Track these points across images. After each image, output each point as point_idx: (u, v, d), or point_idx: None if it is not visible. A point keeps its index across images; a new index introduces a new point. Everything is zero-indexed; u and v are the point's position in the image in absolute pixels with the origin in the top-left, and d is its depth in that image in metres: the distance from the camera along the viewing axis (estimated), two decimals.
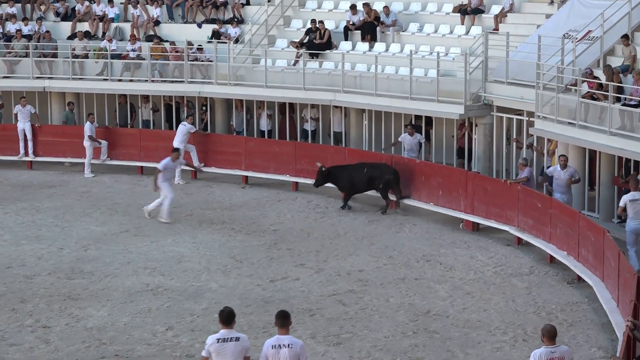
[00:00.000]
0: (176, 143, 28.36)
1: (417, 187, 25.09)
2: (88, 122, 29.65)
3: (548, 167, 23.59)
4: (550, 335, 12.80)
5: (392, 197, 25.18)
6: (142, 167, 29.89)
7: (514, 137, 26.30)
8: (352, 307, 18.56)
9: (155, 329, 17.47)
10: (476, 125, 27.08)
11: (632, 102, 21.86)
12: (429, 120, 28.49)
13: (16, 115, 30.78)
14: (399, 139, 27.17)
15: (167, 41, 32.92)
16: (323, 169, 25.63)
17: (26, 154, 30.72)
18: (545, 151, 24.86)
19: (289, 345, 12.13)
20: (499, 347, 16.69)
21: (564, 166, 22.20)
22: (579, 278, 19.71)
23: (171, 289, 19.60)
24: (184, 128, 28.60)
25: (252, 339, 15.54)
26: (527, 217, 21.97)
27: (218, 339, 12.32)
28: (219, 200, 26.79)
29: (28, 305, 18.61)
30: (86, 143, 29.43)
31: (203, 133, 29.98)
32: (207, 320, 17.79)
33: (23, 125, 30.54)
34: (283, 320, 12.31)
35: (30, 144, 30.61)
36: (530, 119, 24.99)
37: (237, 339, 12.35)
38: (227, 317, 12.41)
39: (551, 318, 17.79)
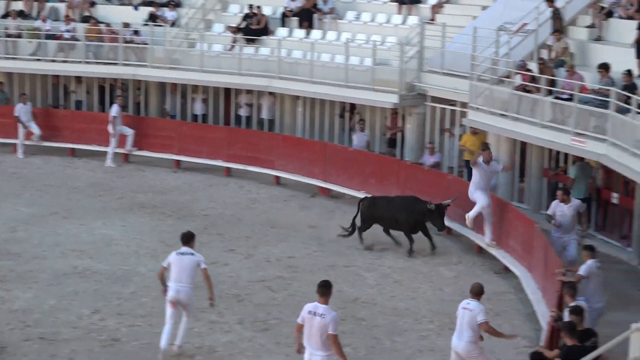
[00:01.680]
0: (110, 126, 28.24)
1: (350, 175, 25.14)
2: (20, 103, 29.28)
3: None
4: (475, 291, 14.24)
5: None
6: (73, 149, 29.59)
7: (447, 127, 26.41)
8: (280, 293, 18.56)
9: (81, 312, 17.33)
10: (410, 115, 27.16)
11: (564, 96, 22.05)
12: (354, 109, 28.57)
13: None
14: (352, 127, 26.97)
15: (103, 22, 32.54)
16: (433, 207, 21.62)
17: None
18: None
19: (321, 314, 12.88)
20: (425, 335, 16.80)
21: (565, 200, 19.11)
22: (506, 268, 19.90)
23: (99, 272, 19.45)
24: (112, 110, 28.48)
25: None
26: (457, 207, 22.06)
27: (177, 253, 15.07)
28: (151, 184, 26.63)
29: None
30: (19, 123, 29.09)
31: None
32: (134, 304, 17.69)
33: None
34: (323, 289, 13.03)
35: None
36: (464, 109, 25.11)
37: (193, 254, 15.06)
38: (186, 238, 15.19)
39: None
